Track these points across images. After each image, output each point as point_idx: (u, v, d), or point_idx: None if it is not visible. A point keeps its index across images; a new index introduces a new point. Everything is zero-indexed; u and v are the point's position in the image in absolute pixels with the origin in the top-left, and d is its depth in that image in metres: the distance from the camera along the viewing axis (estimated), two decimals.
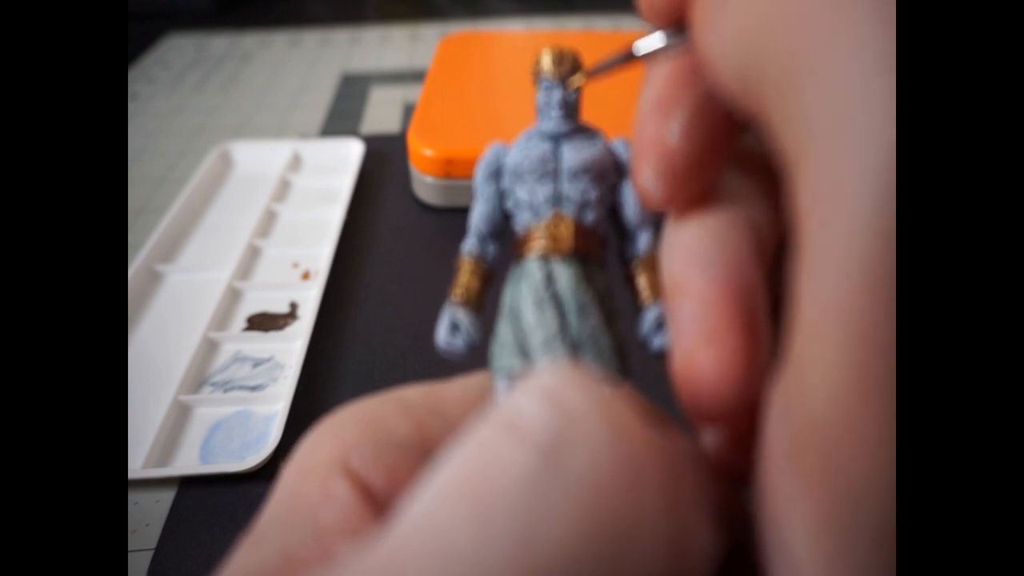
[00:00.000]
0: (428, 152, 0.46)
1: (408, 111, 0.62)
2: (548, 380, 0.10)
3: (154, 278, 0.42)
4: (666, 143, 0.13)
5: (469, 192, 0.46)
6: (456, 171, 0.46)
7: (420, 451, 0.13)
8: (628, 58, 0.14)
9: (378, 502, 0.12)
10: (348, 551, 0.09)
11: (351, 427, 0.13)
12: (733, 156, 0.14)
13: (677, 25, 0.13)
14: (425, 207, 0.48)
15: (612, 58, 0.14)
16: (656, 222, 0.15)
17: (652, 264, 0.15)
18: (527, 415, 0.10)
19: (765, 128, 0.11)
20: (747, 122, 0.12)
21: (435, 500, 0.09)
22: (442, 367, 0.36)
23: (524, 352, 0.14)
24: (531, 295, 0.14)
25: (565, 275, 0.14)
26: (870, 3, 0.08)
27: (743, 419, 0.12)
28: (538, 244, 0.15)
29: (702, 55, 0.11)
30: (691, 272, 0.13)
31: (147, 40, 0.80)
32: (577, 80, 0.15)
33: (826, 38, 0.09)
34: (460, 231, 0.16)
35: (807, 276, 0.09)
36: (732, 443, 0.13)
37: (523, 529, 0.09)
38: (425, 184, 0.47)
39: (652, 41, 0.13)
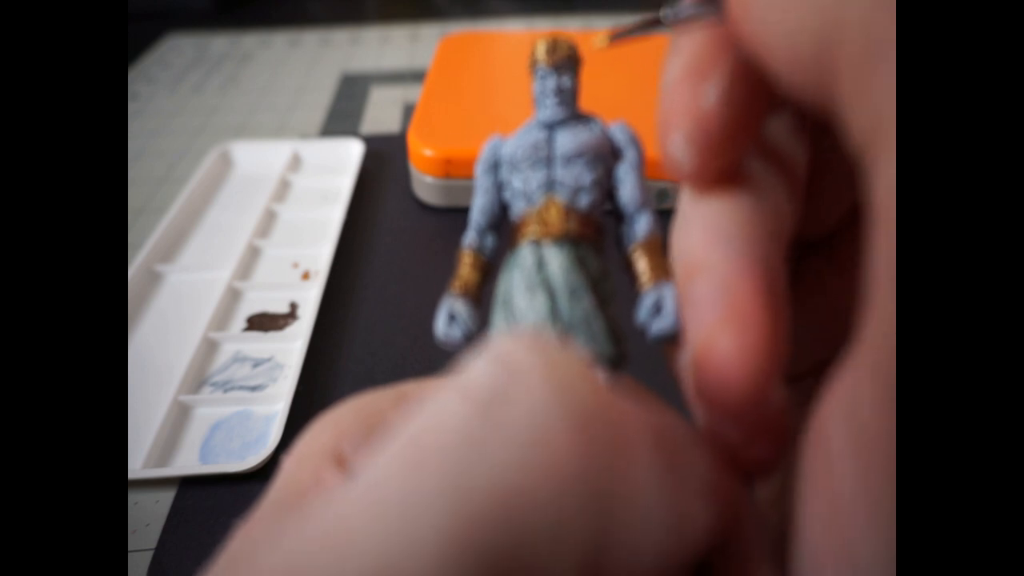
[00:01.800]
0: (428, 152, 0.46)
1: (408, 111, 0.62)
2: (503, 345, 0.11)
3: (154, 278, 0.42)
4: (702, 107, 0.12)
5: (469, 192, 0.46)
6: (456, 171, 0.46)
7: None
8: (653, 25, 0.13)
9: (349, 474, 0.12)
10: (310, 506, 0.10)
11: (348, 418, 0.13)
12: (757, 145, 0.13)
13: None
14: (425, 207, 0.48)
15: (636, 24, 0.14)
16: (662, 209, 0.15)
17: (651, 247, 0.15)
18: (474, 374, 0.10)
19: (833, 110, 0.10)
20: (798, 102, 0.11)
21: (383, 459, 0.09)
22: (443, 367, 0.36)
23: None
24: (523, 280, 0.14)
25: (556, 259, 0.14)
26: None
27: (756, 408, 0.11)
28: (530, 230, 0.15)
29: (744, 34, 0.11)
30: (712, 248, 0.12)
31: (147, 40, 0.80)
32: (599, 43, 0.15)
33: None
34: (460, 231, 0.16)
35: (888, 266, 0.09)
36: (740, 433, 0.12)
37: (457, 476, 0.09)
38: (425, 184, 0.47)
39: (681, 10, 0.13)
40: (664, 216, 0.16)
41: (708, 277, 0.12)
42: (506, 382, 0.10)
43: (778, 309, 0.12)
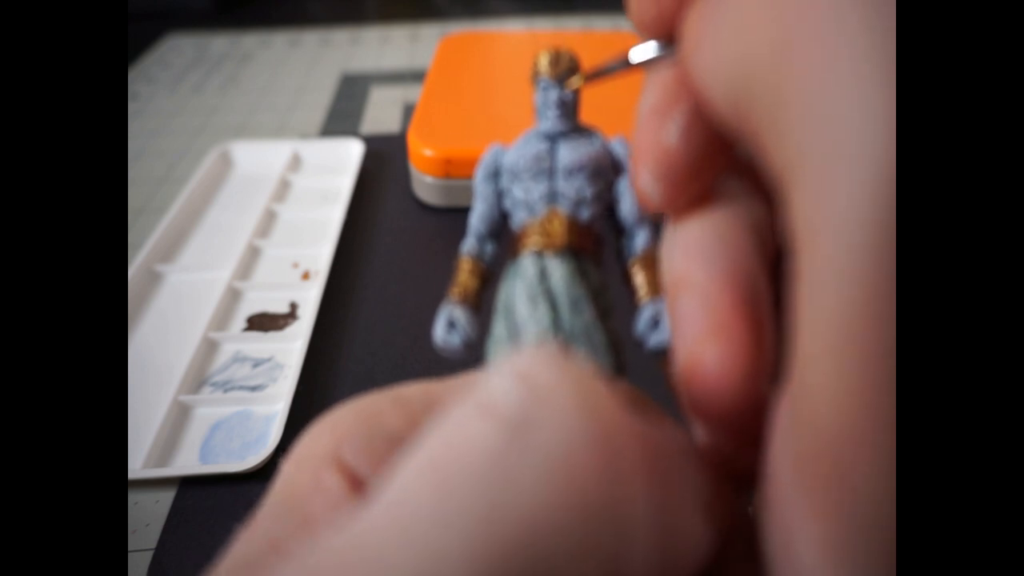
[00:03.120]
0: (428, 152, 0.46)
1: (408, 111, 0.62)
2: (523, 361, 0.10)
3: (154, 278, 0.42)
4: (664, 145, 0.13)
5: (469, 192, 0.46)
6: (456, 171, 0.46)
7: None
8: (624, 64, 0.14)
9: (366, 492, 0.12)
10: (325, 531, 0.10)
11: (347, 421, 0.13)
12: (730, 163, 0.14)
13: (668, 37, 0.13)
14: (425, 207, 0.48)
15: (610, 63, 0.14)
16: (655, 220, 0.15)
17: (650, 262, 0.15)
18: (498, 393, 0.10)
19: (756, 148, 0.10)
20: (736, 139, 0.12)
21: (406, 478, 0.09)
22: (442, 367, 0.36)
23: (517, 346, 0.14)
24: (525, 290, 0.14)
25: (559, 271, 0.14)
26: (864, 28, 0.08)
27: (745, 417, 0.12)
28: (532, 240, 0.15)
29: (691, 76, 0.12)
30: (693, 266, 0.12)
31: (147, 40, 0.80)
32: (575, 82, 0.16)
33: (819, 64, 0.09)
34: (460, 231, 0.16)
35: (807, 295, 0.09)
36: (732, 443, 0.12)
37: (487, 502, 0.09)
38: (425, 184, 0.47)
39: (647, 50, 0.13)
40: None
41: (690, 293, 0.12)
42: (532, 402, 0.10)
43: (760, 319, 0.12)
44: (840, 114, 0.08)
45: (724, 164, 0.13)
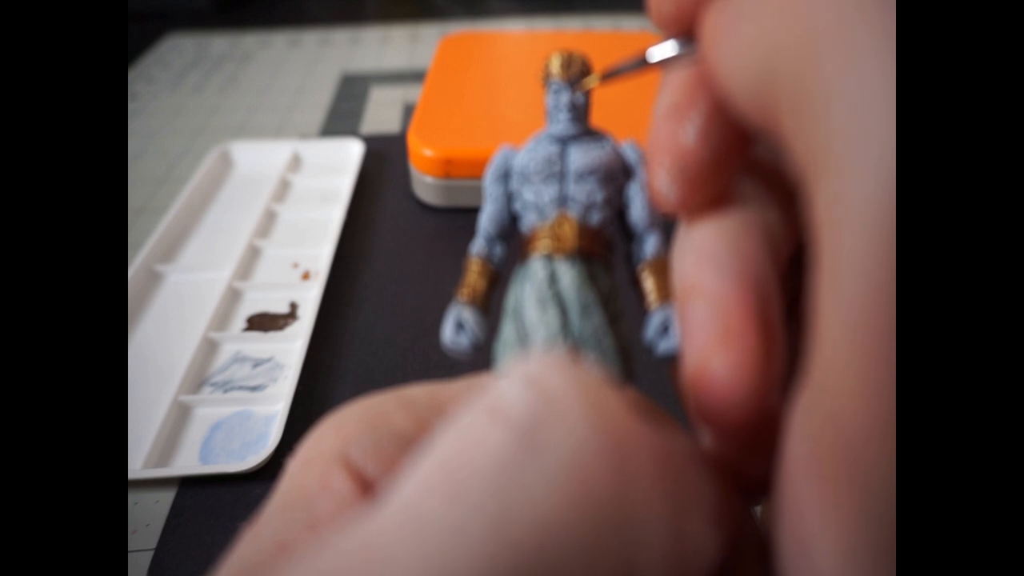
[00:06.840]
0: (428, 152, 0.46)
1: (408, 111, 0.62)
2: (533, 367, 0.10)
3: (154, 278, 0.42)
4: (682, 146, 0.12)
5: (469, 192, 0.46)
6: (456, 171, 0.46)
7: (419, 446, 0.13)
8: (641, 64, 0.14)
9: (376, 494, 0.12)
10: (334, 532, 0.10)
11: (353, 421, 0.13)
12: (747, 164, 0.14)
13: (688, 34, 0.13)
14: (425, 207, 0.48)
15: (625, 63, 0.14)
16: (666, 226, 0.15)
17: (659, 267, 0.15)
18: (508, 398, 0.10)
19: (779, 144, 0.10)
20: (758, 135, 0.12)
21: (417, 482, 0.09)
22: (442, 367, 0.36)
23: (526, 351, 0.14)
24: (534, 294, 0.14)
25: (568, 275, 0.14)
26: (880, 26, 0.08)
27: (753, 426, 0.12)
28: (542, 244, 0.15)
29: (713, 72, 0.11)
30: (705, 273, 0.12)
31: (147, 40, 0.80)
32: (590, 83, 0.15)
33: (846, 57, 0.09)
34: (460, 231, 0.16)
35: (827, 291, 0.09)
36: (739, 451, 0.12)
37: (498, 506, 0.09)
38: (425, 184, 0.47)
39: (665, 49, 0.13)
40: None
41: (701, 300, 0.12)
42: (542, 408, 0.10)
43: (770, 328, 0.12)
44: (867, 107, 0.08)
45: (740, 165, 0.13)
